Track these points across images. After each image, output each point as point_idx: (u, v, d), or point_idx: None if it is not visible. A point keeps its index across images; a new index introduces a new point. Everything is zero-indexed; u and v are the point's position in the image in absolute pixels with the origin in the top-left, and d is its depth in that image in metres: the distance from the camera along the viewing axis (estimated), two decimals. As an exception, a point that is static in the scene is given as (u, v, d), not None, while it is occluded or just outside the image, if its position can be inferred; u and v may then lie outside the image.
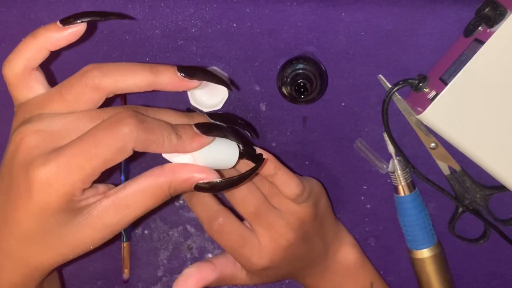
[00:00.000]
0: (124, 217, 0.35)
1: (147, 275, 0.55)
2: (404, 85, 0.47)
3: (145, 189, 0.34)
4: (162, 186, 0.35)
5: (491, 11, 0.42)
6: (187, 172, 0.35)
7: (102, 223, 0.34)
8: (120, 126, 0.32)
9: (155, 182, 0.34)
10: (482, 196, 0.50)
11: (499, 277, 0.53)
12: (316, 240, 0.48)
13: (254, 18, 0.49)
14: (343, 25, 0.48)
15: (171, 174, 0.35)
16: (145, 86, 0.36)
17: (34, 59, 0.36)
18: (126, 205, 0.34)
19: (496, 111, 0.44)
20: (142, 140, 0.33)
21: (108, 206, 0.34)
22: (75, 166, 0.32)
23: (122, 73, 0.35)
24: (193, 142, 0.35)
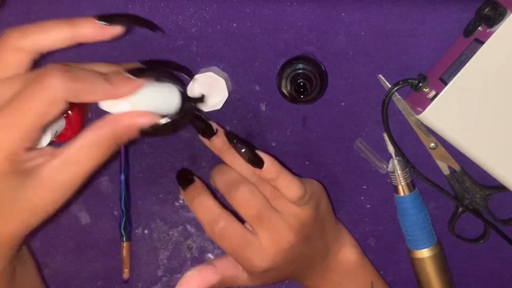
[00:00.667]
0: (76, 173, 0.35)
1: (147, 275, 0.55)
2: (404, 85, 0.47)
3: (91, 142, 0.35)
4: (107, 137, 0.35)
5: (491, 11, 0.42)
6: (128, 118, 0.36)
7: (55, 182, 0.35)
8: (47, 78, 0.33)
9: (99, 133, 0.35)
10: (482, 196, 0.50)
11: (498, 276, 0.53)
12: (317, 242, 0.47)
13: (254, 18, 0.49)
14: (343, 25, 0.48)
15: (113, 123, 0.36)
16: (67, 40, 0.36)
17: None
18: (75, 160, 0.35)
19: (496, 111, 0.44)
20: (72, 89, 0.33)
21: (57, 165, 0.35)
22: (11, 125, 0.33)
23: (41, 30, 0.35)
24: (125, 86, 0.36)
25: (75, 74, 0.34)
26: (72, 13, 0.49)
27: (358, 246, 0.51)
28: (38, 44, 0.35)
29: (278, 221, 0.44)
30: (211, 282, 0.46)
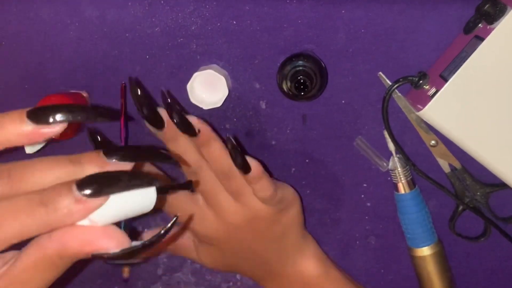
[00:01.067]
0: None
1: (147, 274, 0.55)
2: (404, 82, 0.47)
3: (36, 263, 0.29)
4: (52, 258, 0.28)
5: (491, 7, 0.42)
6: (76, 241, 0.28)
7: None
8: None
9: (44, 254, 0.28)
10: (482, 193, 0.50)
11: (499, 275, 0.53)
12: (272, 244, 0.48)
13: (254, 16, 0.49)
14: (343, 22, 0.48)
15: (58, 244, 0.28)
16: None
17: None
18: (21, 282, 0.29)
19: (496, 107, 0.44)
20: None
21: (3, 286, 0.29)
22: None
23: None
24: (73, 214, 0.27)
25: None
26: (71, 12, 0.49)
27: (325, 260, 0.51)
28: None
29: (227, 202, 0.46)
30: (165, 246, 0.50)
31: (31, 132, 0.28)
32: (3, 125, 0.28)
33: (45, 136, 0.28)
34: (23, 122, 0.28)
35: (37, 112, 0.28)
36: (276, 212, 0.46)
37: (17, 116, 0.28)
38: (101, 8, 0.49)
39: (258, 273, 0.50)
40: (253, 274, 0.51)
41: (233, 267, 0.51)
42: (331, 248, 0.53)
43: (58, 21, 0.49)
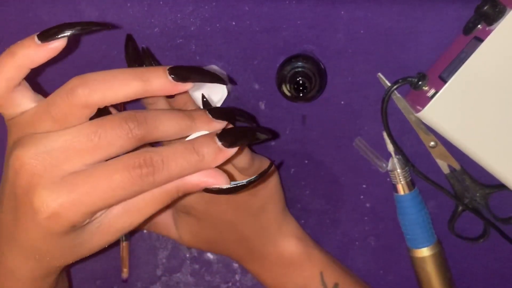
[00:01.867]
0: (135, 220, 0.35)
1: (146, 275, 0.55)
2: (403, 83, 0.47)
3: (155, 195, 0.34)
4: (170, 191, 0.34)
5: (490, 8, 0.42)
6: (196, 178, 0.34)
7: (115, 229, 0.35)
8: (136, 169, 0.32)
9: (164, 188, 0.34)
10: (482, 194, 0.50)
11: (499, 275, 0.53)
12: (252, 219, 0.48)
13: (253, 16, 0.48)
14: (342, 23, 0.48)
15: (180, 180, 0.34)
16: (136, 96, 0.34)
17: (14, 78, 0.34)
18: (137, 209, 0.34)
19: (496, 108, 0.44)
20: (161, 181, 0.33)
21: (119, 214, 0.34)
22: (86, 203, 0.32)
23: (111, 85, 0.33)
24: (217, 159, 0.34)
25: (167, 164, 0.32)
26: (71, 12, 0.49)
27: (305, 238, 0.51)
28: (105, 100, 0.33)
29: None
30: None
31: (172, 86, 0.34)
32: (151, 78, 0.34)
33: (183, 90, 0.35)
34: (166, 76, 0.34)
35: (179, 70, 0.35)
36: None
37: (160, 71, 0.34)
38: (100, 9, 0.49)
39: (238, 251, 0.50)
40: (234, 252, 0.50)
41: (212, 243, 0.50)
42: (330, 249, 0.53)
43: (58, 21, 0.48)
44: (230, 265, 0.55)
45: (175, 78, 0.34)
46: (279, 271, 0.50)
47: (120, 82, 0.33)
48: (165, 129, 0.34)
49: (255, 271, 0.51)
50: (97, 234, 0.35)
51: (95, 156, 0.32)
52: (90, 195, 0.31)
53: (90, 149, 0.32)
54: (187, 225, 0.50)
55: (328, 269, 0.50)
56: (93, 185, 0.31)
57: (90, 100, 0.33)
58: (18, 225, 0.33)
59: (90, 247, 0.36)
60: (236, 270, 0.55)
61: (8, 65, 0.34)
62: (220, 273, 0.55)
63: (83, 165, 0.32)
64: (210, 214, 0.48)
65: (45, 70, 0.50)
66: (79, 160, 0.32)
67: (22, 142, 0.33)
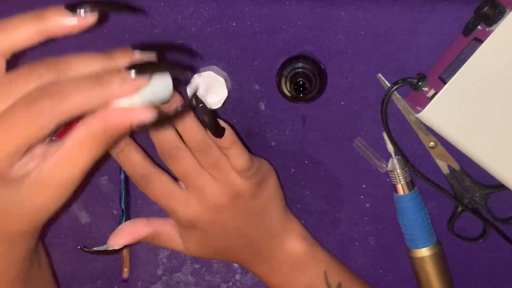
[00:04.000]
0: (71, 170, 0.34)
1: (147, 274, 0.55)
2: (403, 84, 0.47)
3: (82, 140, 0.33)
4: (97, 133, 0.33)
5: (490, 10, 0.42)
6: (119, 114, 0.33)
7: (53, 182, 0.34)
8: (34, 106, 0.31)
9: (89, 131, 0.33)
10: (481, 195, 0.50)
11: (498, 276, 0.53)
12: (257, 221, 0.48)
13: (253, 17, 0.49)
14: (342, 24, 0.48)
15: (102, 120, 0.33)
16: (37, 36, 0.34)
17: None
18: (69, 159, 0.34)
19: (495, 109, 0.44)
20: (63, 111, 0.32)
21: (53, 165, 0.34)
22: (3, 145, 0.32)
23: (6, 29, 0.33)
24: (123, 88, 0.33)
25: (65, 92, 0.31)
26: (71, 12, 0.49)
27: (309, 237, 0.51)
28: (6, 44, 0.33)
29: (208, 184, 0.46)
30: (142, 234, 0.49)
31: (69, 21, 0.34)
32: (47, 15, 0.33)
33: (80, 27, 0.34)
34: (61, 12, 0.34)
35: (71, 5, 0.34)
36: (255, 185, 0.47)
37: (57, 9, 0.34)
38: (101, 9, 0.49)
39: (245, 256, 0.50)
40: (241, 258, 0.51)
41: (219, 252, 0.50)
42: (330, 249, 0.53)
43: (58, 22, 0.49)
44: (231, 265, 0.55)
45: (72, 11, 0.34)
46: (286, 271, 0.50)
47: (16, 23, 0.33)
48: (78, 70, 0.33)
49: (263, 274, 0.51)
50: (36, 188, 0.34)
51: (3, 105, 0.32)
52: (5, 135, 0.31)
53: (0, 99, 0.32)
54: (193, 238, 0.49)
55: (331, 268, 0.50)
56: (4, 126, 0.31)
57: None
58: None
59: (34, 205, 0.35)
60: (236, 270, 0.55)
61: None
62: (220, 273, 0.55)
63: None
64: (217, 224, 0.47)
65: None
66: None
67: None
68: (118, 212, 0.53)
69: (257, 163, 0.47)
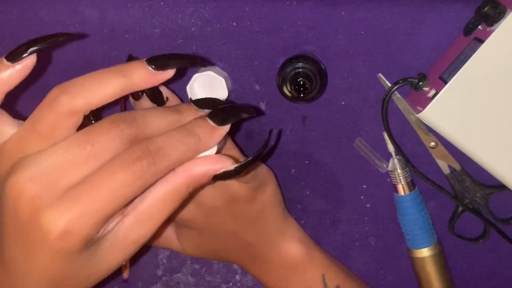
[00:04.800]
0: (150, 228, 0.34)
1: (147, 275, 0.55)
2: (403, 84, 0.47)
3: (165, 197, 0.33)
4: (180, 189, 0.33)
5: (491, 9, 0.42)
6: (201, 168, 0.34)
7: (130, 241, 0.33)
8: (135, 166, 0.31)
9: (173, 187, 0.33)
10: (482, 195, 0.50)
11: (499, 276, 0.53)
12: (253, 225, 0.48)
13: (253, 17, 0.49)
14: (343, 24, 0.48)
15: (186, 175, 0.33)
16: (120, 93, 0.33)
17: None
18: (149, 217, 0.33)
19: (496, 109, 0.44)
20: (164, 169, 0.32)
21: (132, 224, 0.33)
22: (94, 211, 0.30)
23: (92, 88, 0.32)
24: (213, 138, 0.35)
25: (165, 150, 0.32)
26: (71, 12, 0.49)
27: (307, 241, 0.51)
28: (90, 103, 0.32)
29: (204, 187, 0.45)
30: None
31: (153, 77, 0.34)
32: (131, 72, 0.34)
33: (164, 78, 0.35)
34: (145, 68, 0.34)
35: (156, 61, 0.35)
36: (251, 190, 0.46)
37: (140, 64, 0.34)
38: (101, 9, 0.49)
39: (241, 257, 0.50)
40: (237, 259, 0.50)
41: (215, 253, 0.50)
42: (330, 249, 0.53)
43: (58, 22, 0.49)
44: (231, 265, 0.55)
45: (155, 67, 0.34)
46: (283, 275, 0.50)
47: (100, 82, 0.32)
48: (155, 125, 0.33)
49: (259, 276, 0.51)
50: (112, 249, 0.33)
51: (91, 164, 0.31)
52: (96, 202, 0.30)
53: (84, 158, 0.31)
54: (189, 238, 0.49)
55: (330, 271, 0.50)
56: (97, 191, 0.30)
57: (75, 106, 0.32)
58: (30, 256, 0.31)
59: (107, 266, 0.34)
60: (236, 270, 0.55)
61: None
62: (220, 273, 0.55)
63: (81, 176, 0.31)
64: (211, 226, 0.47)
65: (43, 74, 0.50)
66: (76, 172, 0.31)
67: (14, 168, 0.31)
68: (118, 212, 0.53)
69: (256, 168, 0.46)
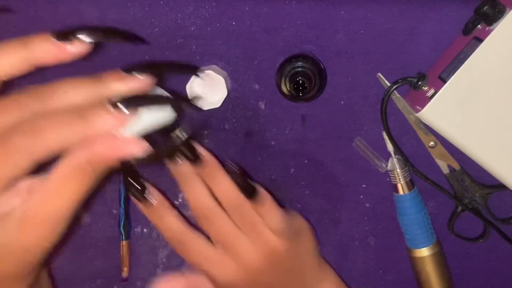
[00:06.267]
0: (60, 205, 0.31)
1: (146, 274, 0.55)
2: (403, 83, 0.47)
3: (68, 173, 0.31)
4: (81, 166, 0.31)
5: (490, 9, 0.42)
6: (104, 147, 0.31)
7: (41, 218, 0.31)
8: (7, 144, 0.30)
9: (75, 163, 0.31)
10: (481, 195, 0.50)
11: (498, 275, 0.53)
12: (292, 277, 0.47)
13: (253, 16, 0.49)
14: (342, 23, 0.48)
15: (88, 151, 0.31)
16: (23, 65, 0.32)
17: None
18: (56, 194, 0.31)
19: (495, 108, 0.44)
20: (38, 149, 0.30)
21: (37, 201, 0.31)
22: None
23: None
24: (106, 125, 0.31)
25: (40, 130, 0.30)
26: (71, 12, 0.49)
27: (342, 284, 0.51)
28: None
29: (244, 246, 0.45)
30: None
31: (57, 49, 0.32)
32: (32, 43, 0.32)
33: (70, 55, 0.32)
34: (48, 40, 0.32)
35: (61, 33, 0.32)
36: (290, 242, 0.46)
37: (43, 36, 0.32)
38: (101, 9, 0.49)
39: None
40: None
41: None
42: (330, 249, 0.53)
43: (58, 21, 0.49)
44: (230, 265, 0.55)
45: (58, 38, 0.32)
46: None
47: (2, 50, 0.32)
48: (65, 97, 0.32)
49: None
50: (22, 227, 0.32)
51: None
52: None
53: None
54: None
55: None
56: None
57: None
58: None
59: (22, 244, 0.32)
60: (236, 269, 0.55)
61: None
62: (220, 273, 0.55)
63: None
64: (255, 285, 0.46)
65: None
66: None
67: None
68: (117, 211, 0.53)
69: (290, 219, 0.46)
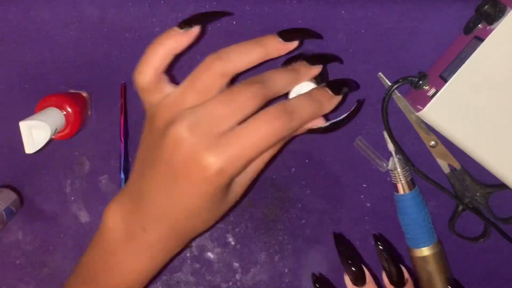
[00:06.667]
0: (258, 167, 0.43)
1: (147, 274, 0.55)
2: (404, 82, 0.47)
3: (269, 140, 0.39)
4: (280, 135, 0.39)
5: (491, 8, 0.42)
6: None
7: (246, 180, 0.43)
8: (277, 119, 0.38)
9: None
10: (482, 194, 0.50)
11: (499, 275, 0.53)
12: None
13: (254, 16, 0.49)
14: (343, 23, 0.48)
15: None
16: (258, 60, 0.41)
17: (162, 65, 0.40)
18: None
19: (496, 108, 0.44)
20: (296, 127, 0.40)
21: (255, 164, 0.43)
22: (243, 155, 0.38)
23: (239, 55, 0.40)
24: (330, 104, 0.43)
25: (294, 115, 0.39)
26: (71, 11, 0.49)
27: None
28: (237, 68, 0.40)
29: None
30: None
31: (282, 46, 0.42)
32: (267, 43, 0.41)
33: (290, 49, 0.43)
34: (276, 39, 0.42)
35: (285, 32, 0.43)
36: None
37: (272, 36, 0.42)
38: (101, 8, 0.49)
39: None
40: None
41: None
42: (331, 249, 0.53)
43: (58, 21, 0.49)
44: (231, 265, 0.55)
45: (283, 39, 0.42)
46: None
47: (246, 50, 0.40)
48: (280, 84, 0.41)
49: None
50: (236, 188, 0.42)
51: (236, 117, 0.38)
52: (245, 148, 0.38)
53: (230, 113, 0.38)
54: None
55: None
56: (246, 140, 0.38)
57: (226, 69, 0.39)
58: (178, 193, 0.39)
59: (229, 203, 0.42)
60: (236, 269, 0.55)
61: (157, 54, 0.40)
62: (220, 273, 0.55)
63: (228, 126, 0.38)
64: None
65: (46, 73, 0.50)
66: (224, 123, 0.38)
67: (174, 120, 0.38)
68: (118, 211, 0.53)
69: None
